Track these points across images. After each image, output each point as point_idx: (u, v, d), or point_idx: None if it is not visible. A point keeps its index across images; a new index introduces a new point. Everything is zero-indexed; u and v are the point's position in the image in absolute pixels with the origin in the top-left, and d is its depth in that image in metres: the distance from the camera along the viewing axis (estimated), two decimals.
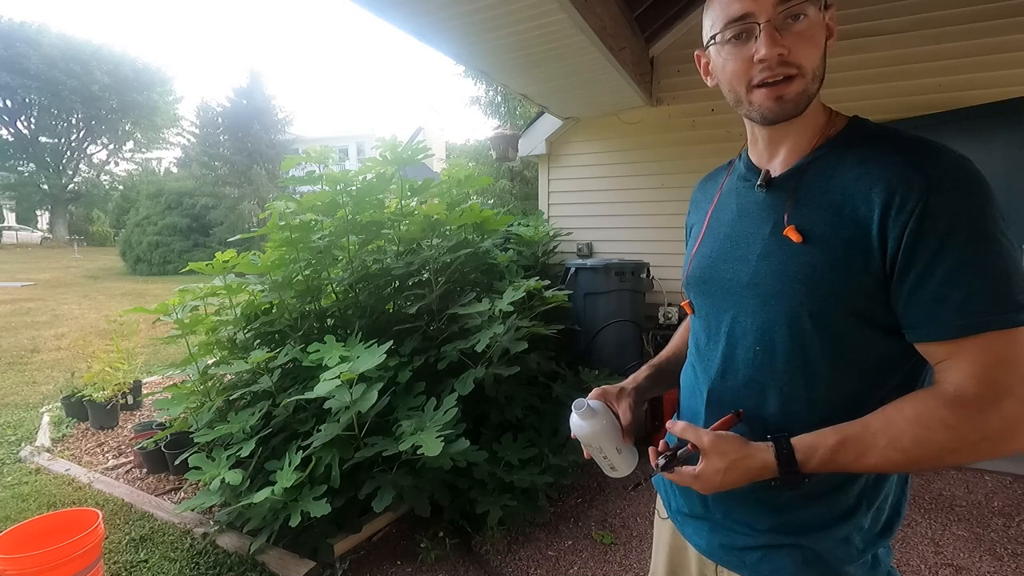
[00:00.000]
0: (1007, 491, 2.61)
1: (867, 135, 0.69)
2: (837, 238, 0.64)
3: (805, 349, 0.67)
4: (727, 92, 0.73)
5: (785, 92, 0.66)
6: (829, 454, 0.63)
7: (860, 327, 0.65)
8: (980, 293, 0.57)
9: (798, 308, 0.67)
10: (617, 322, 3.37)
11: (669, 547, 0.90)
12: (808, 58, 0.65)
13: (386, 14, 2.30)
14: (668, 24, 3.68)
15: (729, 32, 0.67)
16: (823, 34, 0.67)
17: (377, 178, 2.67)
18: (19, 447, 3.29)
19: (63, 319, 7.87)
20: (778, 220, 0.70)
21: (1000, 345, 0.57)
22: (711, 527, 0.78)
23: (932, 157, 0.61)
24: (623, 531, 2.36)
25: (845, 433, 0.63)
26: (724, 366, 0.76)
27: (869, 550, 0.71)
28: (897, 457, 0.60)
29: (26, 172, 25.67)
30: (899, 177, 0.61)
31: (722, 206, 0.82)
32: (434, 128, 22.47)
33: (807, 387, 0.68)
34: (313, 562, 2.04)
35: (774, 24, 0.64)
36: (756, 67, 0.66)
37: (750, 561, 0.74)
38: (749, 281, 0.72)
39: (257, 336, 2.66)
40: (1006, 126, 2.81)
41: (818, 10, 0.65)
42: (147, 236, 15.91)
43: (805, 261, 0.66)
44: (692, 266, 0.83)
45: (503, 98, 8.82)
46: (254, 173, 17.15)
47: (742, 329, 0.73)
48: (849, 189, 0.65)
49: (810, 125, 0.71)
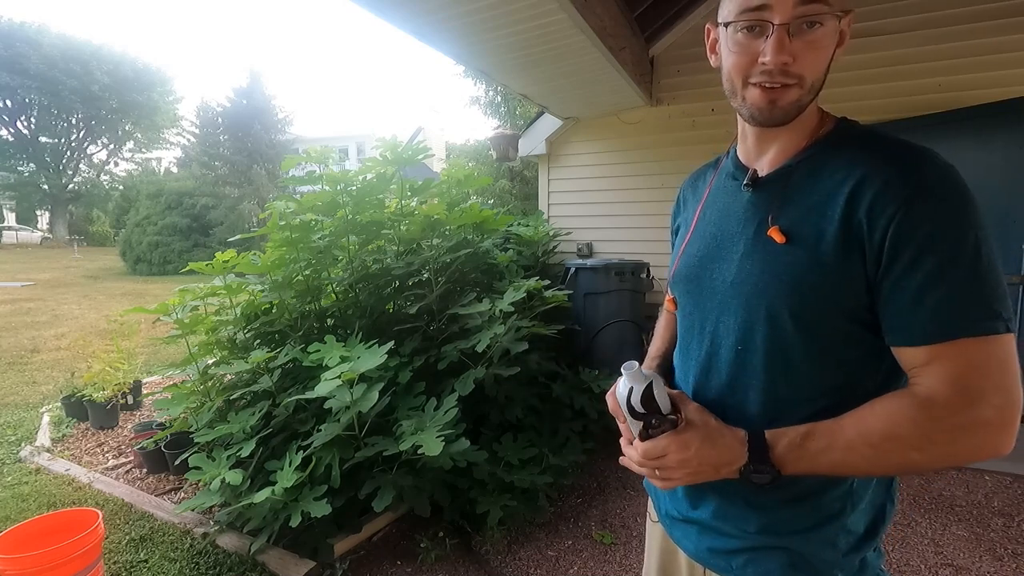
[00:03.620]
0: (1007, 491, 2.61)
1: (854, 137, 0.69)
2: (820, 239, 0.64)
3: (786, 348, 0.68)
4: (725, 80, 0.72)
5: (780, 97, 0.66)
6: (799, 439, 0.63)
7: (841, 326, 0.65)
8: (956, 300, 0.58)
9: (779, 307, 0.67)
10: (617, 322, 3.37)
11: (660, 550, 0.90)
12: (812, 69, 0.65)
13: (386, 14, 2.30)
14: (668, 24, 3.68)
15: (743, 20, 0.65)
16: (834, 43, 0.66)
17: (377, 178, 2.67)
18: (19, 447, 3.29)
19: (63, 319, 7.87)
20: (762, 220, 0.71)
21: (974, 351, 0.58)
22: (699, 531, 0.78)
23: (919, 164, 0.61)
24: (623, 531, 2.36)
25: (816, 424, 0.64)
26: (707, 365, 0.76)
27: (854, 554, 0.71)
28: (866, 451, 0.61)
29: (26, 172, 25.68)
30: (885, 181, 0.61)
31: (710, 204, 0.82)
32: (434, 128, 22.47)
33: (788, 386, 0.69)
34: (313, 562, 2.04)
35: (788, 29, 0.63)
36: (758, 67, 0.66)
37: (736, 564, 0.73)
38: (732, 280, 0.73)
39: (257, 336, 2.66)
40: (1006, 126, 2.81)
41: (835, 22, 0.64)
42: (147, 236, 15.92)
43: (787, 261, 0.66)
44: (679, 264, 0.83)
45: (503, 98, 8.81)
46: (254, 173, 17.15)
47: (725, 328, 0.73)
48: (834, 190, 0.65)
49: (801, 127, 0.71)
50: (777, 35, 0.63)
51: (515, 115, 8.75)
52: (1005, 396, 0.57)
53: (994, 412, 0.57)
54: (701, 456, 0.66)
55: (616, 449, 0.80)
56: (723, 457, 0.66)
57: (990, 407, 0.57)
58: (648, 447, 0.69)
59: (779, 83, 0.65)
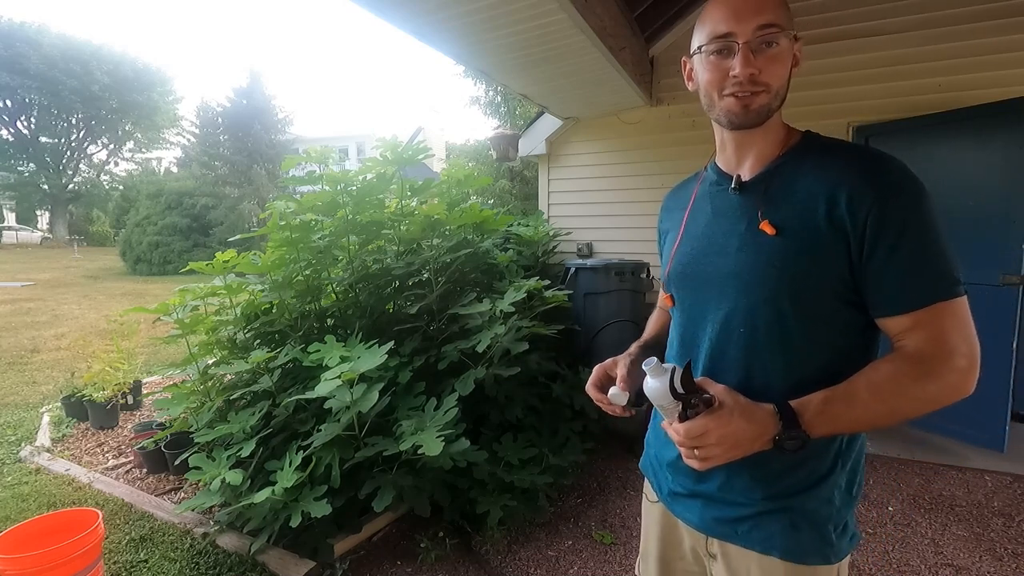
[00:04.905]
0: (1007, 491, 2.61)
1: (823, 146, 0.81)
2: (806, 229, 0.75)
3: (785, 327, 0.77)
4: (703, 96, 0.84)
5: (751, 102, 0.77)
6: (821, 404, 0.72)
7: (829, 303, 0.76)
8: (930, 273, 0.71)
9: (776, 291, 0.77)
10: (617, 322, 3.37)
11: (660, 527, 0.97)
12: (775, 78, 0.77)
13: (386, 14, 2.30)
14: (668, 24, 3.68)
15: (713, 46, 0.78)
16: (790, 59, 0.78)
17: (377, 178, 2.67)
18: (19, 447, 3.29)
19: (63, 319, 7.87)
20: (752, 217, 0.80)
21: (946, 313, 0.71)
22: (704, 503, 0.85)
23: (883, 165, 0.74)
24: (623, 531, 2.36)
25: (832, 389, 0.73)
26: (712, 350, 0.84)
27: (845, 509, 0.81)
28: (878, 406, 0.71)
29: (26, 172, 25.67)
30: (859, 182, 0.73)
31: (697, 210, 0.92)
32: (434, 128, 22.45)
33: (787, 362, 0.78)
34: (313, 562, 2.04)
35: (751, 46, 0.75)
36: (730, 80, 0.77)
37: (742, 531, 0.81)
38: (731, 272, 0.81)
39: (257, 336, 2.66)
40: (1006, 126, 2.81)
41: (789, 41, 0.77)
42: (147, 236, 15.91)
43: (780, 250, 0.77)
44: (673, 263, 0.92)
45: (503, 98, 8.80)
46: (254, 173, 17.15)
47: (726, 315, 0.82)
48: (814, 189, 0.76)
49: (772, 136, 0.83)
50: (743, 52, 0.75)
51: (515, 115, 8.74)
52: (970, 345, 0.71)
53: (965, 359, 0.70)
54: (739, 430, 0.72)
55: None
56: (757, 429, 0.72)
57: (961, 356, 0.70)
58: (690, 426, 0.73)
59: (749, 91, 0.76)
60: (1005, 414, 2.86)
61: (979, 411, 2.94)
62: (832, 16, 3.29)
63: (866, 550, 2.18)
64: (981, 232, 2.85)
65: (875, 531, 2.31)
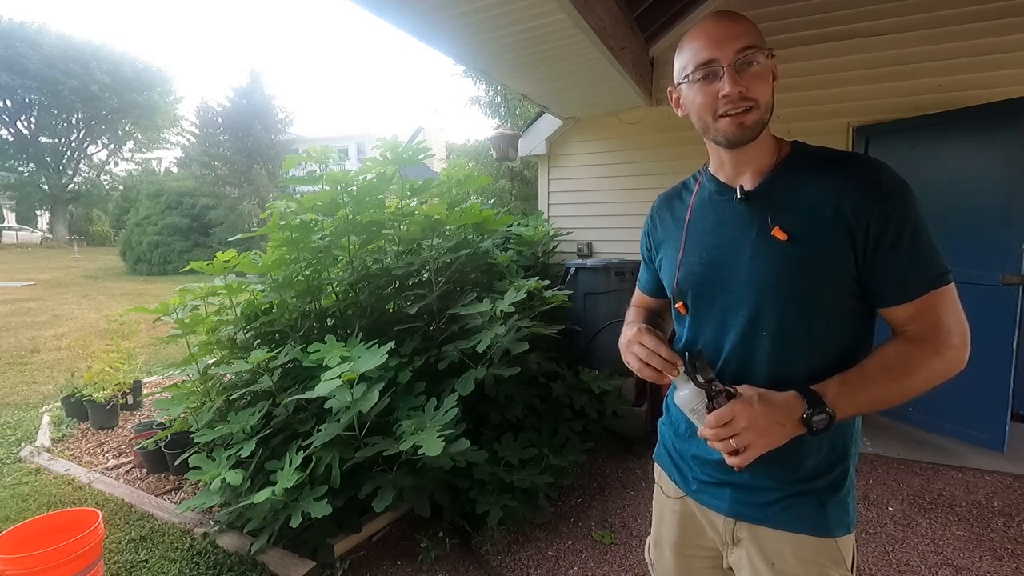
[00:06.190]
0: (1007, 491, 2.61)
1: (812, 156, 0.88)
2: (815, 234, 0.82)
3: (807, 324, 0.83)
4: (696, 121, 0.88)
5: (745, 120, 0.82)
6: (839, 386, 0.79)
7: (841, 298, 0.83)
8: (925, 265, 0.80)
9: (793, 292, 0.83)
10: (617, 322, 3.35)
11: (680, 517, 1.01)
12: (761, 93, 0.82)
13: (386, 14, 2.30)
14: (668, 24, 3.68)
15: (699, 73, 0.83)
16: (771, 75, 0.84)
17: (377, 178, 2.67)
18: (19, 447, 3.29)
19: (63, 319, 7.87)
20: (762, 224, 0.85)
21: (941, 299, 0.80)
22: (733, 490, 0.90)
23: (876, 173, 0.81)
24: (623, 531, 2.36)
25: (847, 372, 0.80)
26: (737, 355, 0.88)
27: (852, 488, 0.89)
28: (891, 385, 0.79)
29: (26, 172, 25.63)
30: (858, 189, 0.80)
31: (698, 219, 0.95)
32: (434, 128, 22.42)
33: (809, 356, 0.84)
34: (313, 562, 2.05)
35: (734, 68, 0.81)
36: (721, 101, 0.82)
37: (772, 512, 0.87)
38: (748, 278, 0.86)
39: (257, 336, 2.66)
40: (1006, 126, 2.81)
41: (766, 58, 0.82)
42: (147, 236, 15.91)
43: (792, 254, 0.82)
44: (682, 273, 0.95)
45: (503, 98, 8.80)
46: (254, 173, 17.14)
47: (749, 320, 0.86)
48: (819, 198, 0.82)
49: (766, 149, 0.88)
50: (728, 73, 0.81)
51: (515, 115, 8.74)
52: (962, 325, 0.80)
53: (959, 337, 0.79)
54: (764, 413, 0.76)
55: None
56: (782, 412, 0.77)
57: (956, 335, 0.79)
58: (719, 413, 0.78)
59: (741, 107, 0.81)
60: (1005, 414, 2.86)
61: (979, 411, 2.93)
62: (832, 16, 3.29)
63: (866, 550, 2.18)
64: (981, 232, 2.85)
65: (875, 531, 2.31)
